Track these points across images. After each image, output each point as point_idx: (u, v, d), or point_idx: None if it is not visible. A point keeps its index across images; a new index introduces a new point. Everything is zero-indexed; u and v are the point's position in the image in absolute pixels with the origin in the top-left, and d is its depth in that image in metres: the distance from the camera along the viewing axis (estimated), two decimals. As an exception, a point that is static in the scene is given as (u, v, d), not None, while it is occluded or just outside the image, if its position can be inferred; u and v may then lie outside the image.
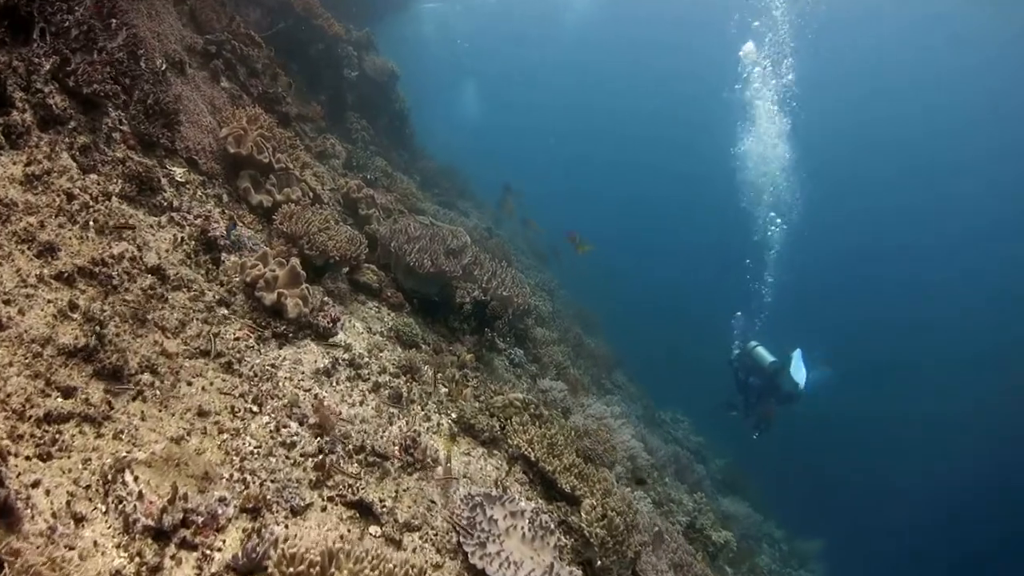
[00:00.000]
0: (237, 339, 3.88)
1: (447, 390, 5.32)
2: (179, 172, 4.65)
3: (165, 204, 4.34)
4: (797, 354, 11.70)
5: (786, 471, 25.56)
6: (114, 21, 4.79)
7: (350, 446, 3.56)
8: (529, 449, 4.41)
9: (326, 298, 5.13)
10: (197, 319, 3.77)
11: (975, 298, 42.36)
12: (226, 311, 4.02)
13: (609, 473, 5.91)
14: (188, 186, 4.78)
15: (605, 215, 54.62)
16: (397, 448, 3.79)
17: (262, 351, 3.96)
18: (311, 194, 5.79)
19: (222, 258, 4.42)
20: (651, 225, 54.32)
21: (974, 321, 40.91)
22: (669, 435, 14.82)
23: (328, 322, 4.33)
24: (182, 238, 4.15)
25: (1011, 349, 36.57)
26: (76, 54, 4.32)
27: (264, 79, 6.88)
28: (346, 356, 4.36)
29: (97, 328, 3.08)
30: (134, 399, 3.10)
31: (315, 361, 4.15)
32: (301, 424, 3.50)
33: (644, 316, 36.73)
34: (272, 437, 3.31)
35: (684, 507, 8.71)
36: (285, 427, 3.40)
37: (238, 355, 3.74)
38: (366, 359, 4.58)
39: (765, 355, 12.28)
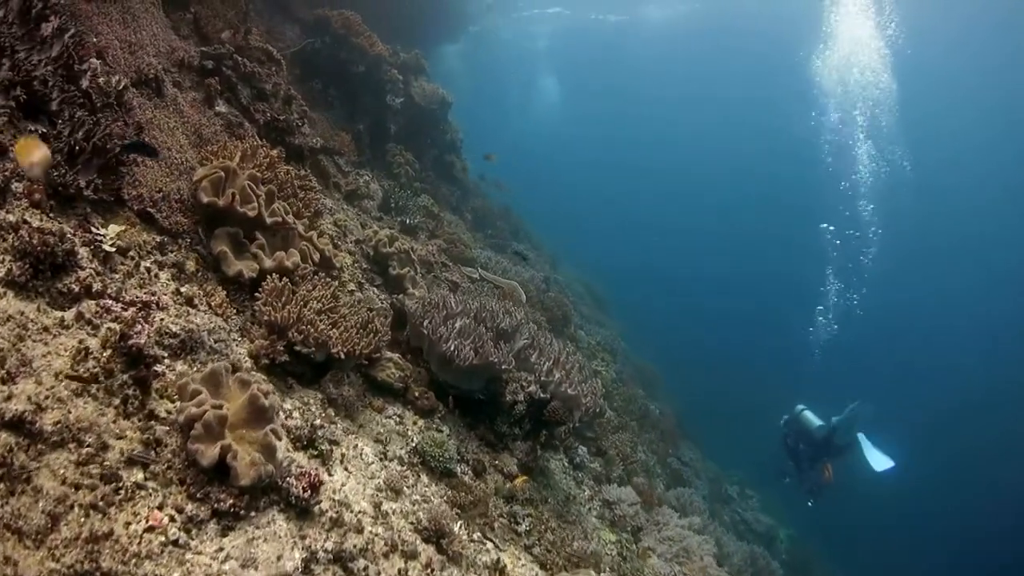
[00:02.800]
0: (149, 530, 2.35)
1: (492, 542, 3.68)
2: (111, 236, 3.21)
3: (78, 289, 2.89)
4: (863, 439, 11.19)
5: (853, 536, 23.22)
6: (48, 26, 3.45)
7: None
8: None
9: (323, 418, 3.59)
10: (82, 504, 2.26)
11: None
12: (142, 476, 2.50)
13: None
14: (128, 255, 3.33)
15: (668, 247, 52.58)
16: None
17: (191, 548, 2.40)
18: (315, 257, 4.30)
19: (158, 372, 2.93)
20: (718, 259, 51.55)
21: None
22: (738, 517, 13.65)
23: (305, 489, 2.76)
24: (87, 350, 2.67)
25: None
26: (-31, 70, 2.97)
27: (274, 103, 5.51)
28: (330, 544, 2.76)
29: None
30: None
31: (278, 558, 2.56)
32: None
33: (706, 355, 34.66)
34: None
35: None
36: None
37: (140, 571, 2.20)
38: (366, 533, 2.98)
39: (812, 419, 11.63)
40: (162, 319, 3.20)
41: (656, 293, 40.20)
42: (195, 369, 3.17)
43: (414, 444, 4.02)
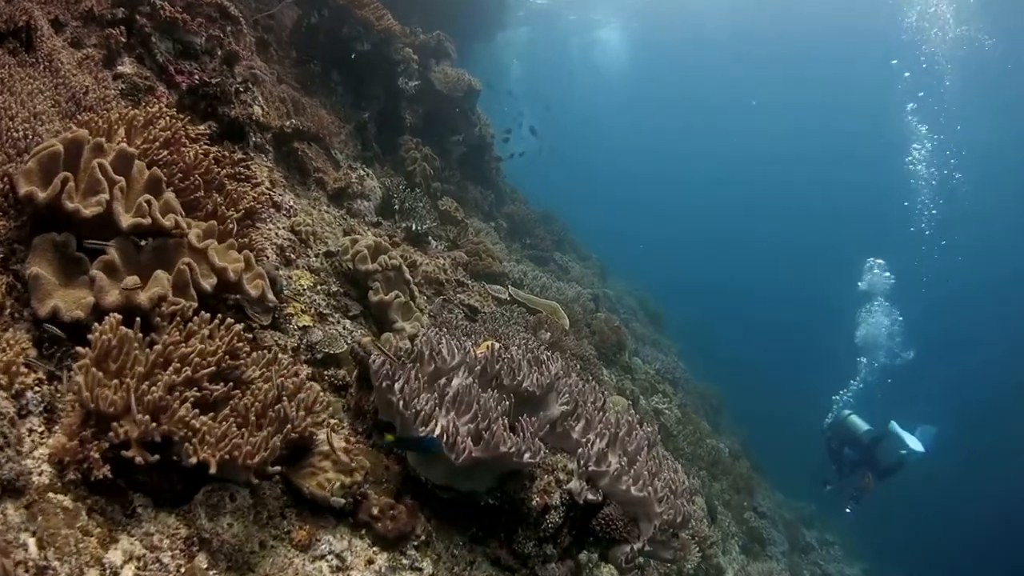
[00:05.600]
0: None
1: None
2: None
3: None
4: (895, 426, 11.44)
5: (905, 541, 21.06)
6: None
7: None
8: None
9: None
10: None
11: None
12: None
13: None
14: None
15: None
16: None
17: None
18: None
19: None
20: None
21: None
22: (819, 571, 12.19)
23: None
24: None
25: None
26: None
27: (208, 62, 3.97)
28: None
29: None
30: None
31: None
32: None
33: (770, 369, 32.57)
34: None
35: None
36: None
37: None
38: None
39: (860, 424, 11.71)
40: None
41: (713, 304, 37.80)
42: None
43: (362, 611, 2.32)
